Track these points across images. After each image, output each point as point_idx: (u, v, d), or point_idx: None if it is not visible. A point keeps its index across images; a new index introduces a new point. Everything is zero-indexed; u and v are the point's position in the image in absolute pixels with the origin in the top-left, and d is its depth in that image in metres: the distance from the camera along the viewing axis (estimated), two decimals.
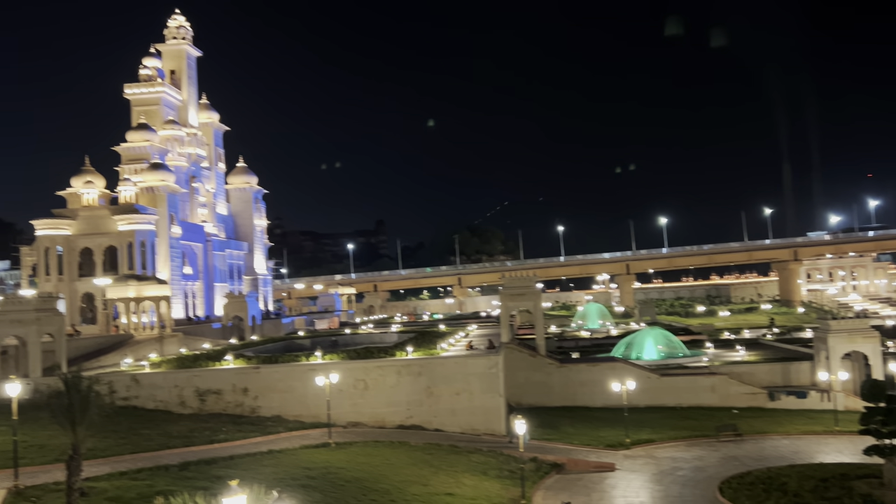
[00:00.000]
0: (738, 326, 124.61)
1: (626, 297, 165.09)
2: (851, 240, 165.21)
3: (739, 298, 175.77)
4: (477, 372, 46.88)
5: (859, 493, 31.31)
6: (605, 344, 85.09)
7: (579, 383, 58.34)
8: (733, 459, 40.24)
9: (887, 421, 31.88)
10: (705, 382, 56.55)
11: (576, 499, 33.87)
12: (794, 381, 57.89)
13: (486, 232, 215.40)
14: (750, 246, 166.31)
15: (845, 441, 41.99)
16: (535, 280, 67.79)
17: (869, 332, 55.06)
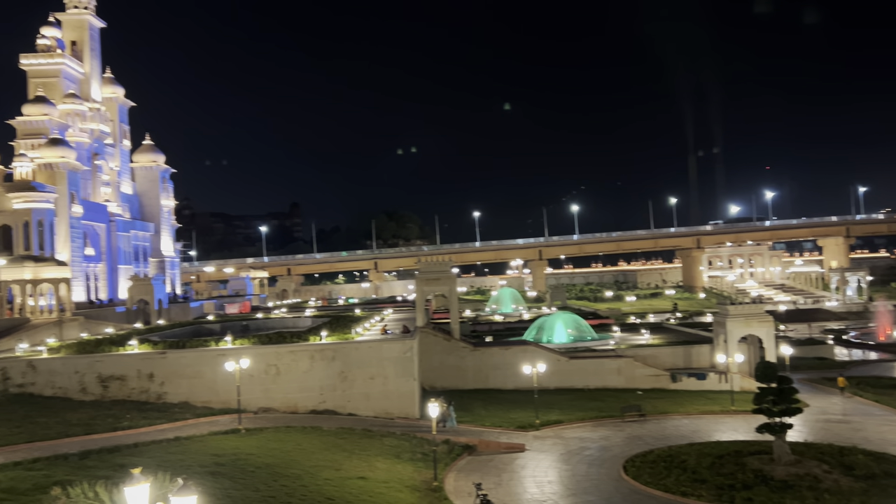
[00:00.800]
0: (644, 311, 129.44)
1: (539, 282, 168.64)
2: (750, 229, 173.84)
3: (645, 284, 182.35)
4: (391, 356, 46.94)
5: (751, 468, 33.14)
6: (518, 328, 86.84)
7: (492, 366, 59.31)
8: (637, 439, 41.82)
9: (778, 400, 33.81)
10: (612, 365, 58.50)
11: (487, 479, 34.49)
12: (694, 363, 60.65)
13: (403, 216, 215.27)
14: (656, 234, 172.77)
15: (740, 420, 44.25)
16: (450, 265, 68.22)
17: (764, 317, 58.16)
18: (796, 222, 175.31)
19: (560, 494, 32.89)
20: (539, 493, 33.15)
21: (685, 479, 32.95)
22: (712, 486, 31.79)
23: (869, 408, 48.31)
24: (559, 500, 32.15)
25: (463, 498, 31.95)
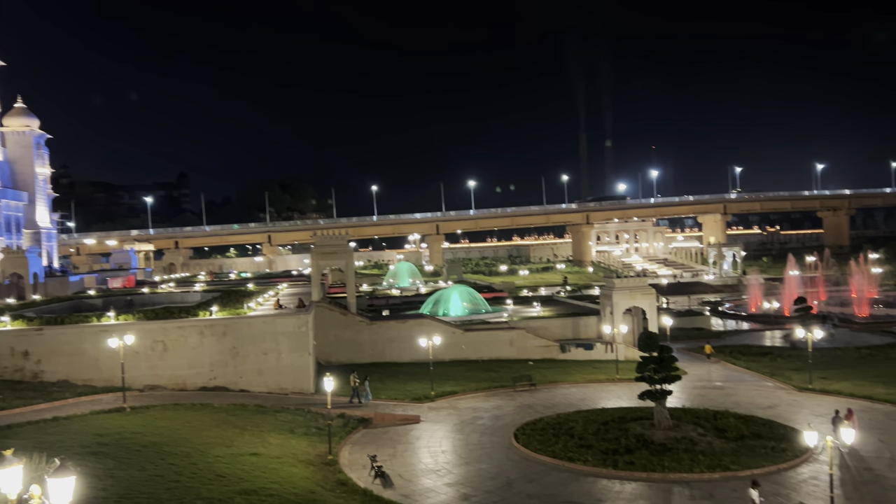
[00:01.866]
0: (536, 284, 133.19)
1: (436, 256, 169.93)
2: (636, 206, 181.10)
3: (538, 258, 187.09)
4: (286, 331, 46.18)
5: (634, 433, 34.91)
6: (415, 301, 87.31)
7: (389, 340, 59.47)
8: (528, 407, 43.14)
9: (659, 368, 35.66)
10: (505, 337, 59.90)
11: (382, 451, 34.71)
12: (582, 334, 63.03)
13: (298, 188, 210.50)
14: (548, 210, 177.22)
15: (624, 387, 46.41)
16: (347, 239, 67.60)
17: (647, 290, 61.01)
18: (678, 200, 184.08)
19: (453, 463, 33.56)
20: (433, 462, 33.69)
21: (572, 444, 34.34)
22: (597, 450, 33.30)
23: (740, 374, 51.70)
24: (452, 468, 32.80)
25: (358, 470, 32.05)
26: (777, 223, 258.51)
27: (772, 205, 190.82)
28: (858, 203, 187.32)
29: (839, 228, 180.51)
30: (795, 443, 32.20)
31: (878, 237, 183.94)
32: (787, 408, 40.49)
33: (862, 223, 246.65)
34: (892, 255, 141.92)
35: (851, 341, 63.33)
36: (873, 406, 39.71)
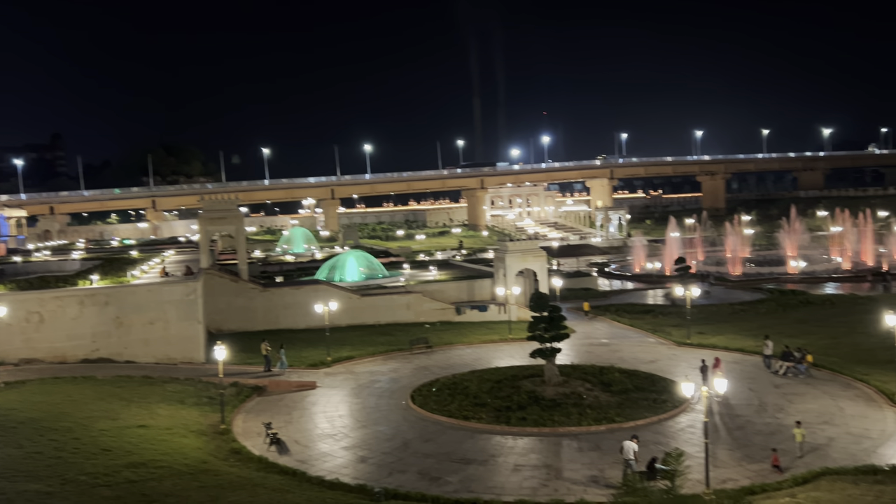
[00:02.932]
0: (433, 248, 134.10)
1: (331, 221, 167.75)
2: (528, 171, 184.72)
3: (434, 223, 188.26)
4: (173, 299, 44.57)
5: (525, 390, 36.08)
6: (310, 267, 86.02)
7: (283, 306, 58.49)
8: (424, 369, 43.70)
9: (549, 328, 36.90)
10: (402, 300, 60.18)
11: (277, 418, 34.33)
12: (477, 296, 64.16)
13: (184, 151, 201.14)
14: (444, 175, 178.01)
15: (517, 347, 47.69)
16: (237, 203, 65.53)
17: (538, 252, 62.67)
18: (569, 165, 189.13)
19: (350, 427, 33.65)
20: (330, 427, 33.66)
21: (467, 403, 35.15)
22: (491, 408, 34.24)
23: (625, 331, 54.20)
24: (349, 432, 32.90)
25: (252, 438, 31.60)
26: (660, 187, 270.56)
27: (655, 169, 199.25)
28: (734, 168, 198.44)
29: (716, 192, 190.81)
30: (674, 394, 34.18)
31: (750, 200, 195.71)
32: (668, 362, 42.86)
33: (736, 186, 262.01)
34: (762, 217, 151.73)
35: (726, 298, 67.49)
36: (744, 357, 42.65)
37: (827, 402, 33.54)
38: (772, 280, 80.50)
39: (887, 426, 29.79)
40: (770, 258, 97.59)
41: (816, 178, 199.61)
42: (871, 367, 37.87)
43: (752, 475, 25.52)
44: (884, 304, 51.60)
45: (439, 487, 25.97)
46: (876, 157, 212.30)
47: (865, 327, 46.72)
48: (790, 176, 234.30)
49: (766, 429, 30.51)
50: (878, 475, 24.46)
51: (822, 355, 40.87)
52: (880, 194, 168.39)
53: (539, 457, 28.74)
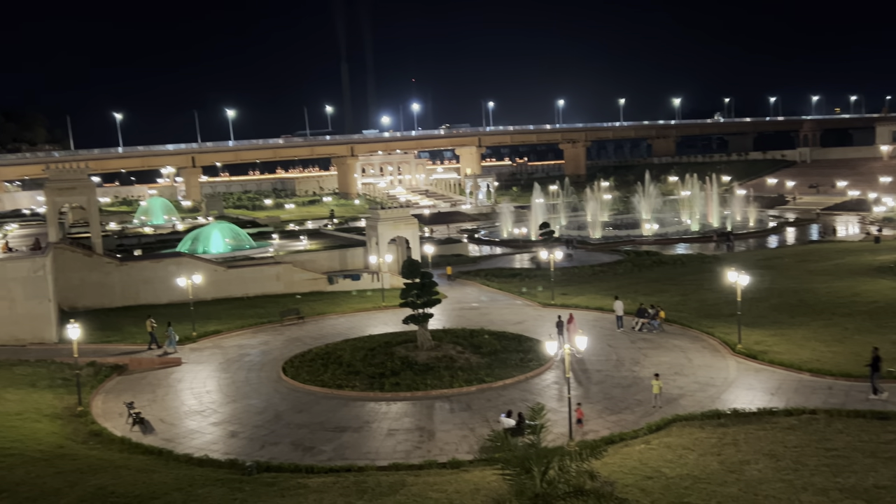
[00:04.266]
0: (303, 218, 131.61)
1: (193, 191, 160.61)
2: (399, 139, 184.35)
3: (304, 192, 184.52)
4: (19, 276, 41.36)
5: (399, 356, 36.45)
6: (171, 240, 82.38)
7: (143, 281, 55.65)
8: (296, 340, 43.12)
9: (421, 294, 37.33)
10: (271, 272, 58.84)
11: (140, 397, 32.87)
12: (349, 265, 63.82)
13: (25, 116, 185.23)
14: (312, 142, 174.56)
15: (390, 314, 47.96)
16: (88, 172, 61.25)
17: (410, 220, 62.99)
18: (439, 132, 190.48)
19: (219, 402, 32.76)
20: (197, 403, 32.62)
21: (341, 372, 35.09)
22: (365, 375, 34.37)
23: (494, 294, 55.72)
24: (218, 407, 32.02)
25: (113, 419, 30.12)
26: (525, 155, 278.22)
27: (520, 137, 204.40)
28: (593, 136, 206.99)
29: (577, 159, 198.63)
30: (540, 353, 35.65)
31: (609, 167, 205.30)
32: (534, 322, 44.56)
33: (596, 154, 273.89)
34: (620, 182, 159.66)
35: (587, 260, 70.80)
36: (603, 316, 45.00)
37: (678, 354, 36.11)
38: (629, 242, 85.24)
39: (729, 374, 32.50)
40: (627, 222, 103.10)
41: (669, 145, 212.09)
42: (715, 320, 41.09)
43: (612, 425, 27.18)
44: (727, 263, 55.99)
45: (313, 457, 25.89)
46: (721, 126, 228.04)
47: (711, 284, 50.59)
48: (645, 143, 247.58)
49: (623, 382, 32.49)
50: (722, 419, 26.73)
51: (674, 311, 43.86)
52: (724, 160, 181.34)
53: (412, 420, 29.23)
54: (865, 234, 79.12)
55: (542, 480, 14.79)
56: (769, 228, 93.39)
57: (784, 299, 45.96)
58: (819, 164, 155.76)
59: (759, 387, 30.36)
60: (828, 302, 44.34)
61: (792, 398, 28.50)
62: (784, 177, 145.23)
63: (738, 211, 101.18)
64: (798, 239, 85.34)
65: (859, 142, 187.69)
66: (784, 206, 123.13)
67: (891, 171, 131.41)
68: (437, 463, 24.35)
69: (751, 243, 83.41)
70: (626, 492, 20.99)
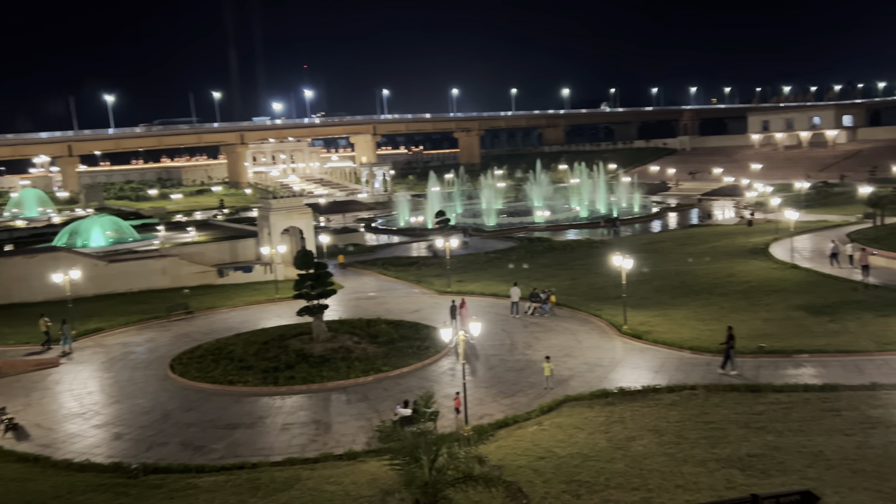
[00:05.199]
0: (191, 208, 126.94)
1: (71, 181, 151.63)
2: (291, 126, 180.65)
3: (191, 181, 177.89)
4: None
5: (293, 349, 35.78)
6: (47, 233, 77.60)
7: (14, 278, 52.11)
8: (185, 336, 41.58)
9: (315, 285, 36.74)
10: (156, 265, 56.43)
11: (13, 402, 30.80)
12: (241, 256, 62.08)
13: None
14: (199, 129, 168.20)
15: (284, 306, 47.00)
16: None
17: (304, 209, 61.89)
18: (333, 120, 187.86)
19: (102, 404, 31.15)
20: (78, 406, 30.90)
21: (232, 367, 34.11)
22: (258, 370, 33.55)
23: (392, 284, 55.64)
24: (101, 409, 30.44)
25: None
26: (421, 143, 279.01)
27: (416, 126, 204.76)
28: (486, 125, 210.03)
29: (471, 148, 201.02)
30: (436, 340, 35.90)
31: (502, 155, 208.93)
32: (430, 310, 44.80)
33: (490, 143, 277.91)
34: (512, 170, 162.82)
35: (482, 247, 71.83)
36: (498, 301, 45.80)
37: (568, 336, 37.25)
38: (522, 229, 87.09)
39: (616, 354, 33.84)
40: (520, 209, 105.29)
41: (558, 133, 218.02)
42: (603, 302, 42.66)
43: (506, 408, 27.74)
44: (613, 247, 58.20)
45: (204, 456, 25.06)
46: (607, 115, 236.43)
47: (599, 268, 52.48)
48: (536, 132, 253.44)
49: (517, 365, 33.22)
50: (609, 398, 27.81)
51: (564, 295, 45.20)
52: (611, 148, 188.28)
53: (308, 413, 28.80)
54: (739, 218, 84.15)
55: (431, 468, 14.89)
56: (652, 214, 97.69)
57: (666, 281, 48.28)
58: (698, 152, 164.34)
59: (644, 365, 31.76)
60: (706, 283, 46.93)
61: (674, 375, 29.98)
62: (666, 164, 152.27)
63: (624, 197, 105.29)
64: (679, 223, 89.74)
65: (733, 131, 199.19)
66: (666, 192, 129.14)
67: (761, 158, 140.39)
68: (334, 455, 24.11)
69: (636, 228, 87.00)
70: (520, 473, 21.51)
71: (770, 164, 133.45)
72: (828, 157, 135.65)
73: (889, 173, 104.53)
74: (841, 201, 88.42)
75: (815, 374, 28.87)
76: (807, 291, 42.34)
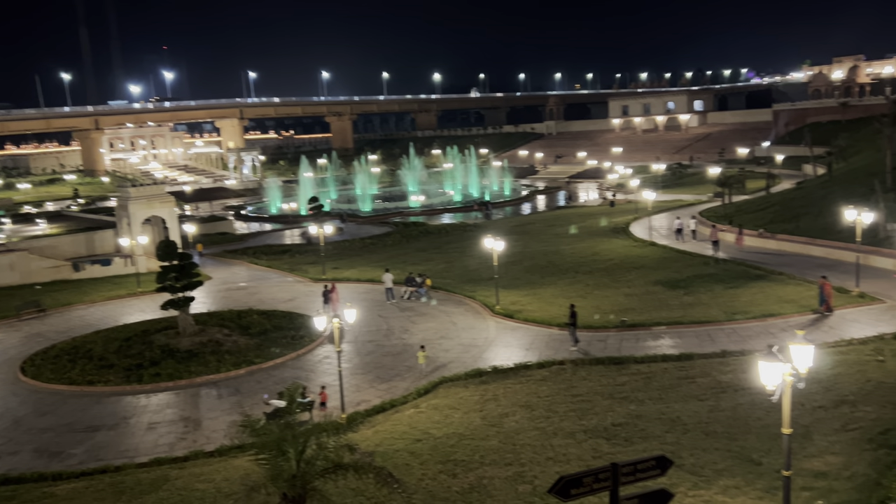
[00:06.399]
0: (41, 199, 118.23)
1: None
2: (150, 110, 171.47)
3: (41, 170, 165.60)
4: None
5: (158, 344, 34.11)
6: None
7: None
8: (38, 336, 38.74)
9: (180, 276, 35.13)
10: (3, 261, 52.07)
11: None
12: (98, 249, 58.43)
13: None
14: (48, 113, 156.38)
15: (148, 300, 44.71)
16: None
17: (166, 198, 58.95)
18: (195, 104, 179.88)
19: None
20: None
21: (91, 367, 32.11)
22: (120, 368, 31.76)
23: (264, 273, 54.16)
24: None
25: None
26: (291, 128, 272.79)
27: (285, 110, 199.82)
28: (359, 109, 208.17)
29: (344, 132, 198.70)
30: (311, 329, 35.32)
31: (376, 140, 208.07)
32: (305, 299, 44.02)
33: (363, 127, 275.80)
34: (387, 155, 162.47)
35: (357, 233, 71.31)
36: (374, 287, 45.63)
37: (444, 319, 37.70)
38: (397, 214, 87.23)
39: (489, 334, 34.60)
40: (395, 194, 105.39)
41: (431, 118, 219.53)
42: (476, 284, 43.49)
43: (383, 393, 27.75)
44: (486, 230, 59.35)
45: (61, 462, 23.45)
46: (477, 100, 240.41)
47: (473, 251, 53.44)
48: (409, 117, 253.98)
49: (394, 350, 33.27)
50: (483, 376, 28.41)
51: (439, 278, 45.70)
52: (482, 133, 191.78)
53: (176, 411, 27.57)
54: (602, 200, 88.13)
55: (299, 461, 14.63)
56: (522, 197, 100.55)
57: (536, 261, 49.85)
58: (563, 136, 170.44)
59: (516, 343, 32.68)
60: (572, 262, 48.85)
61: (544, 352, 31.03)
62: (534, 148, 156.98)
63: (496, 181, 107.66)
64: (547, 206, 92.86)
65: (596, 115, 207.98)
66: (535, 175, 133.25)
67: (622, 141, 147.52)
68: (205, 453, 23.24)
69: (507, 211, 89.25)
70: (397, 456, 21.61)
71: (630, 148, 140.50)
72: (682, 140, 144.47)
73: (735, 155, 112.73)
74: (694, 181, 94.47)
75: (672, 344, 30.76)
76: (664, 267, 44.98)
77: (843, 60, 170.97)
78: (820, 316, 32.41)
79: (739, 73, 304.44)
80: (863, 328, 30.16)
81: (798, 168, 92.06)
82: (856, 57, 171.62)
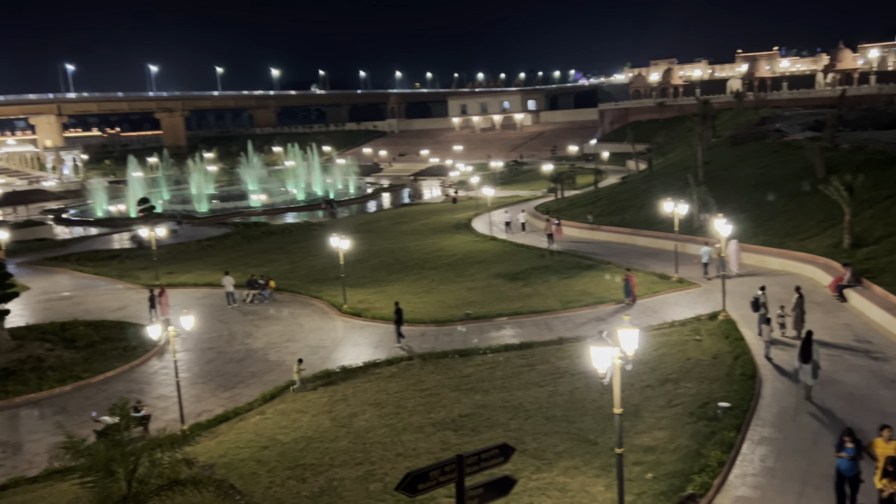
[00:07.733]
0: None
1: None
2: None
3: None
4: None
5: None
6: None
7: None
8: None
9: None
10: None
11: None
12: None
13: None
14: None
15: None
16: None
17: None
18: (4, 99, 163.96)
19: None
20: None
21: None
22: None
23: (91, 281, 50.39)
24: None
25: None
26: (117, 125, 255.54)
27: (109, 106, 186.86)
28: (191, 105, 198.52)
29: (176, 129, 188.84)
30: (146, 339, 33.31)
31: (211, 137, 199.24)
32: (137, 306, 41.35)
33: (197, 124, 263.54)
34: (224, 153, 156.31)
35: (194, 235, 68.08)
36: (213, 291, 43.73)
37: (289, 321, 36.87)
38: (237, 214, 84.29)
39: (338, 334, 34.27)
40: (234, 193, 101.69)
41: (270, 115, 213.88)
42: (323, 284, 42.91)
43: (226, 402, 26.70)
44: (331, 229, 58.76)
45: None
46: (318, 97, 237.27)
47: (318, 250, 52.69)
48: (247, 113, 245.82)
49: (237, 356, 32.10)
50: (332, 377, 28.07)
51: (284, 279, 44.65)
52: (324, 131, 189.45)
53: None
54: (445, 196, 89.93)
55: (129, 480, 13.75)
56: (367, 195, 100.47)
57: (382, 259, 50.00)
58: (406, 135, 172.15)
59: (364, 342, 32.60)
60: (417, 258, 49.47)
61: (392, 349, 31.19)
62: (377, 146, 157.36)
63: (340, 179, 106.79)
64: (392, 203, 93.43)
65: (437, 114, 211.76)
66: (379, 173, 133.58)
67: (462, 139, 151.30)
68: (26, 479, 21.29)
69: (352, 209, 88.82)
70: (243, 465, 20.90)
71: (469, 146, 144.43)
72: (517, 139, 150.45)
73: (566, 152, 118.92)
74: (529, 178, 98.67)
75: (513, 334, 31.95)
76: (504, 260, 46.63)
77: (658, 64, 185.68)
78: (629, 304, 34.52)
79: (568, 75, 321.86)
80: (682, 311, 32.85)
81: (623, 164, 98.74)
82: (669, 60, 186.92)
